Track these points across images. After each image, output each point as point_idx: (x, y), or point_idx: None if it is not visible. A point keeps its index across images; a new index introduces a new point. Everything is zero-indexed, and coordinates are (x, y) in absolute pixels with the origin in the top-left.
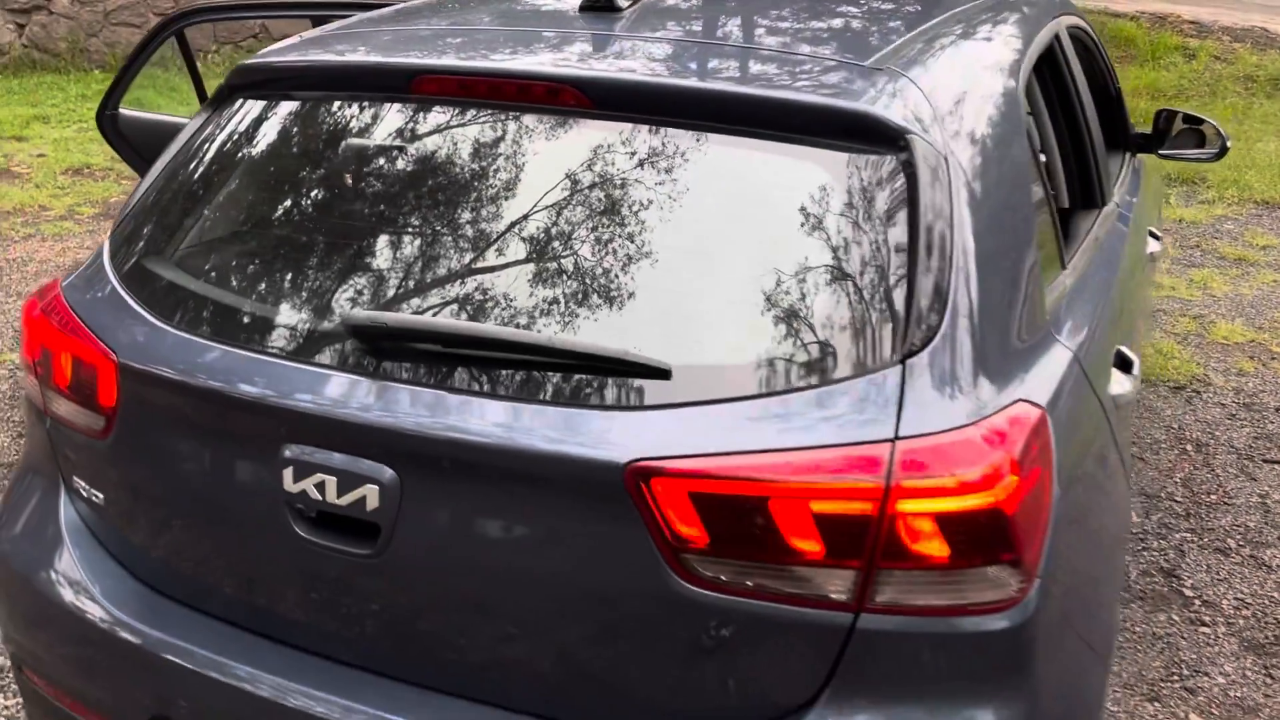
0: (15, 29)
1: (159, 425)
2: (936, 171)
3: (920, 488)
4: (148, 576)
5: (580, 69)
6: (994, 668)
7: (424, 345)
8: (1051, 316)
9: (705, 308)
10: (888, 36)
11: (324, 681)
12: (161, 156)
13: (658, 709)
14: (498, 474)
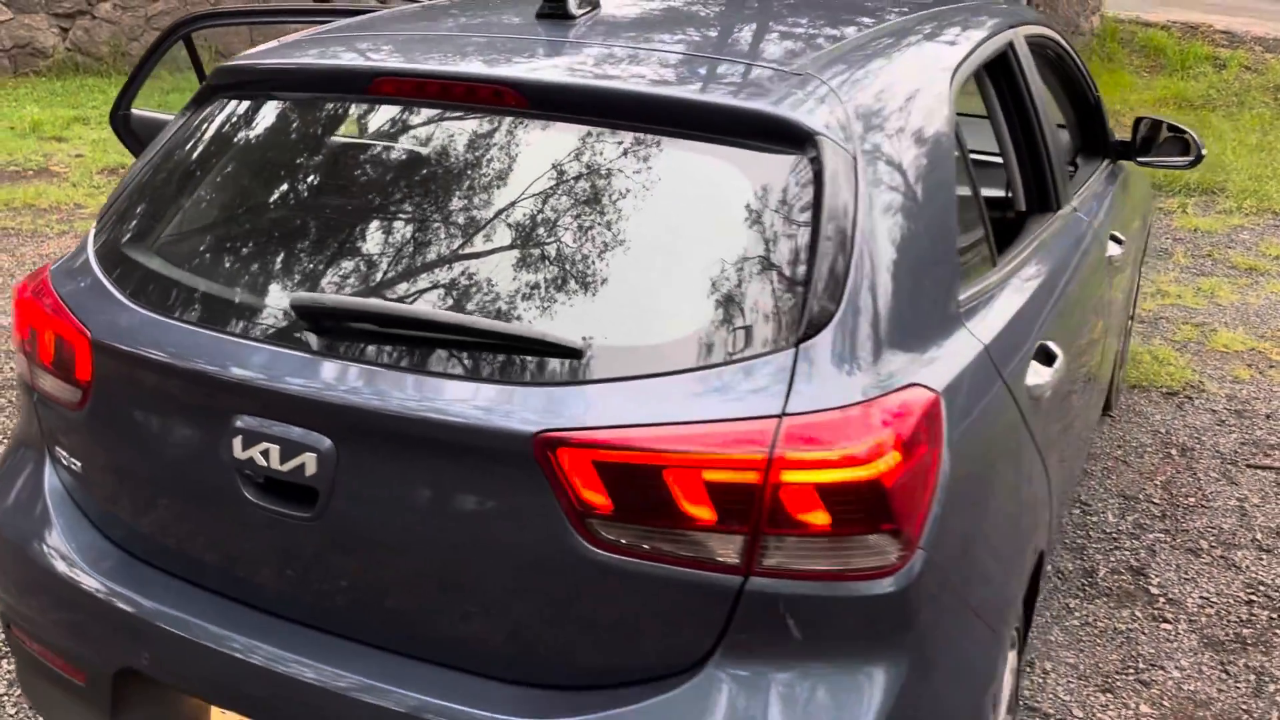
0: (59, 33)
1: (126, 397)
2: (843, 171)
3: (803, 460)
4: (119, 539)
5: (521, 72)
6: (875, 630)
7: (361, 325)
8: (967, 309)
9: (618, 293)
10: (819, 45)
11: (270, 636)
12: (145, 152)
13: (567, 664)
14: (423, 443)
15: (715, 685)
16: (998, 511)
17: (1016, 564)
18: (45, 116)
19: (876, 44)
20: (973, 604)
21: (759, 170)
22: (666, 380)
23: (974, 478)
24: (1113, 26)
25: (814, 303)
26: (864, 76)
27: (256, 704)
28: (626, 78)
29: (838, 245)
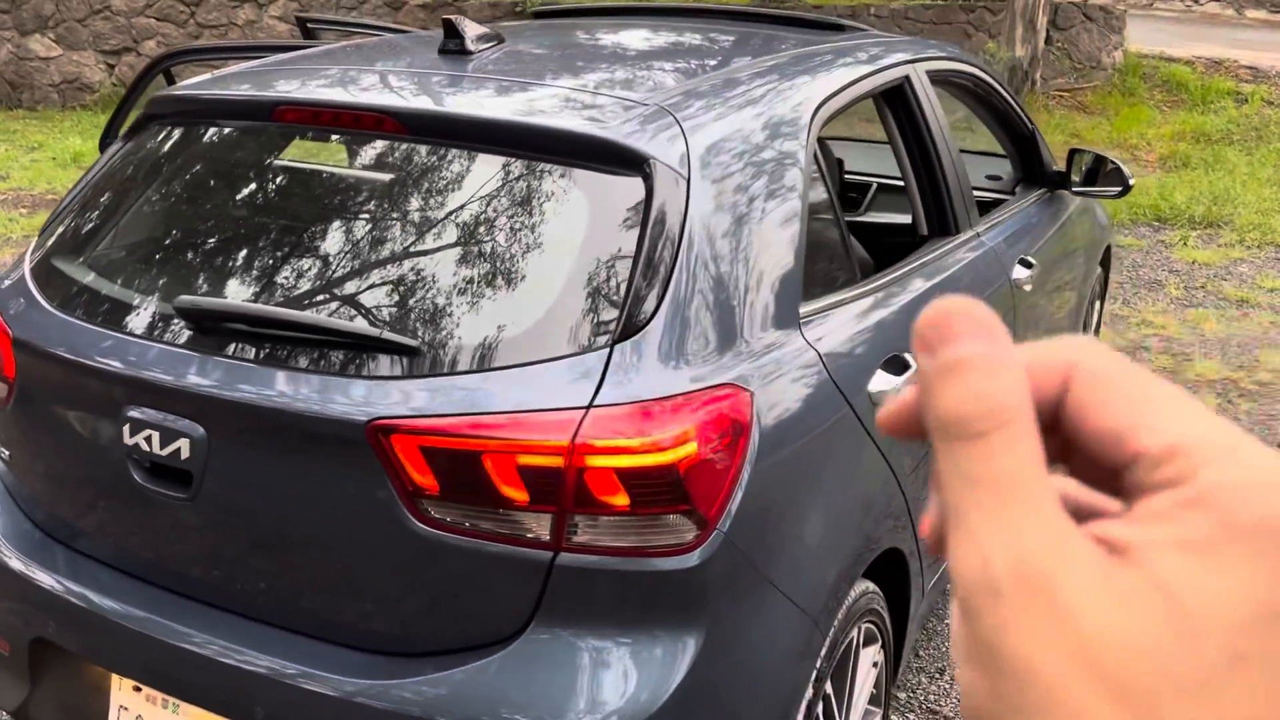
0: (106, 69)
1: (42, 392)
2: (673, 194)
3: (604, 447)
4: (39, 521)
5: (401, 101)
6: (676, 602)
7: (231, 324)
8: (807, 320)
9: (458, 297)
10: (681, 82)
11: (156, 608)
12: (84, 173)
13: (405, 632)
14: (278, 430)
15: (530, 651)
16: (817, 503)
17: (836, 554)
18: (87, 148)
19: (741, 79)
20: (780, 585)
21: (598, 190)
22: (491, 375)
23: (789, 470)
24: (1135, 62)
25: (633, 308)
26: (713, 109)
27: (145, 670)
28: (496, 107)
29: (661, 259)
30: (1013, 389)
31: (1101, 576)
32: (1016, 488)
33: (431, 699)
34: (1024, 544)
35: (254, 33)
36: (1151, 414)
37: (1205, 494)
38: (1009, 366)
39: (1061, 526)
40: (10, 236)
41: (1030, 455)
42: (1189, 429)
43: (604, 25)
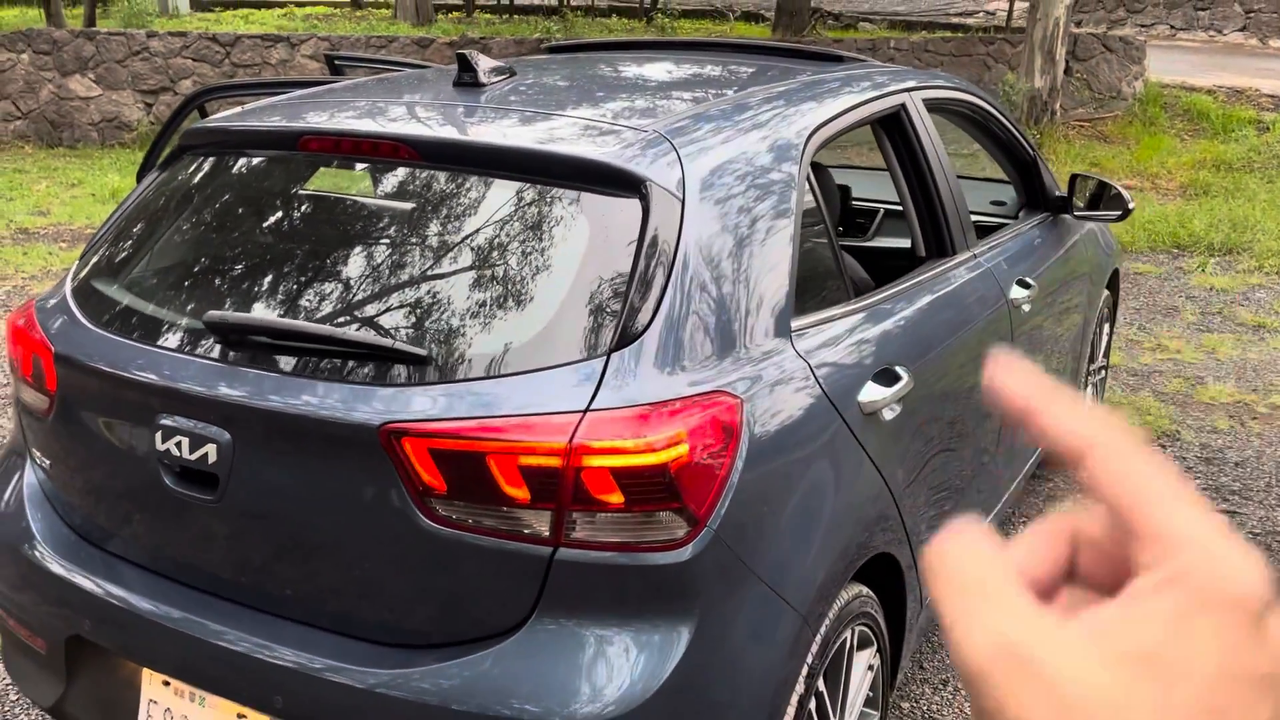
0: (144, 108)
1: (80, 403)
2: (669, 215)
3: (600, 448)
4: (76, 525)
5: (416, 130)
6: (668, 595)
7: (255, 336)
8: (800, 333)
9: (465, 310)
10: (687, 105)
11: (184, 605)
12: (123, 200)
13: (415, 624)
14: (298, 434)
15: (533, 640)
16: (805, 506)
17: (824, 552)
18: (125, 184)
19: (736, 107)
20: (768, 581)
21: (598, 210)
22: (496, 381)
23: (778, 472)
24: (1155, 91)
25: (629, 319)
26: (710, 135)
27: (174, 665)
28: (504, 135)
29: (656, 273)
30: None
31: (1080, 647)
32: (981, 589)
33: (443, 687)
34: (1001, 633)
35: (286, 71)
36: (1147, 499)
37: (1181, 575)
38: (968, 548)
39: (1030, 612)
40: (51, 269)
41: (983, 562)
42: (1174, 517)
43: (610, 59)
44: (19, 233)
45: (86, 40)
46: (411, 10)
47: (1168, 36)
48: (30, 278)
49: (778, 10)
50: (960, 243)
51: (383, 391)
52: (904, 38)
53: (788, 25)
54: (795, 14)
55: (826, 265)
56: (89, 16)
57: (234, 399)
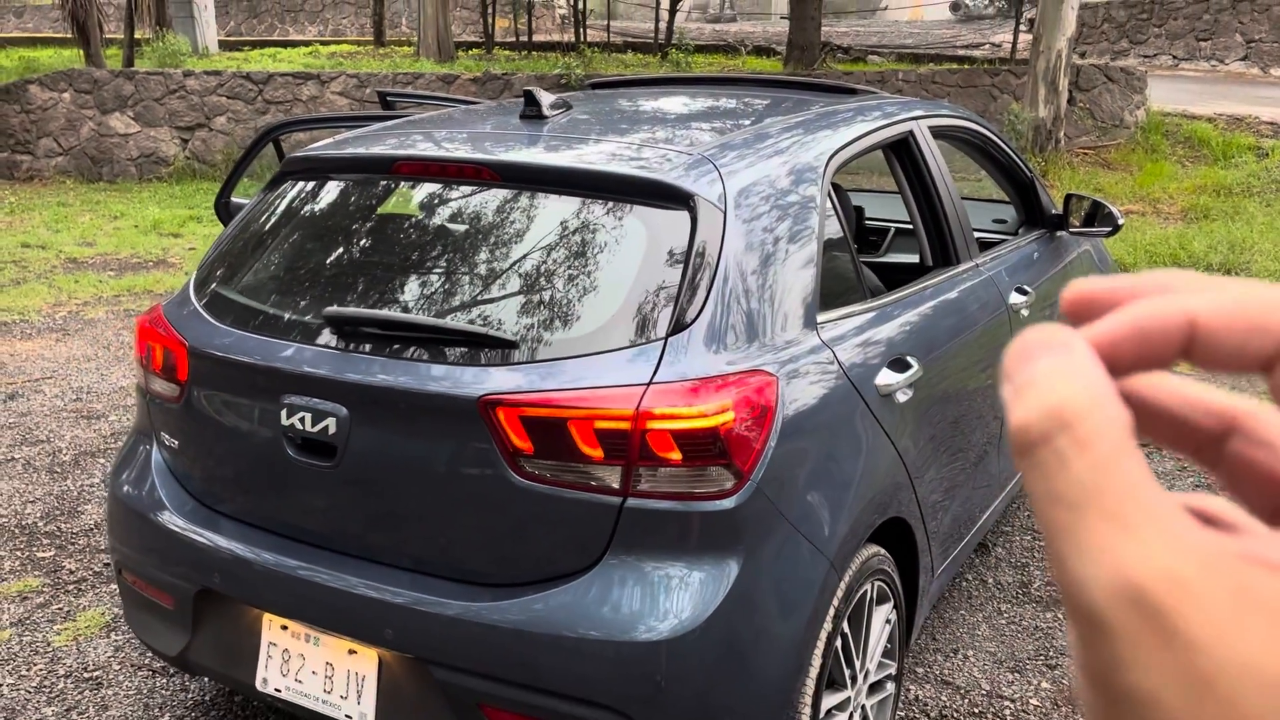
0: (180, 143)
1: (210, 388)
2: (713, 224)
3: (662, 414)
4: (200, 494)
5: (497, 155)
6: (717, 536)
7: (369, 328)
8: (824, 325)
9: (544, 302)
10: (723, 132)
11: (303, 557)
12: (234, 219)
13: (504, 566)
14: (407, 407)
15: (604, 576)
16: (827, 467)
17: (841, 508)
18: (164, 216)
19: (765, 133)
20: (801, 529)
21: (653, 221)
22: (573, 361)
23: (807, 437)
24: (1157, 120)
25: (682, 310)
26: (745, 157)
27: (295, 608)
28: (571, 159)
29: (703, 273)
30: (1080, 390)
31: (1238, 599)
32: (1099, 500)
33: (532, 615)
34: (1124, 568)
35: (316, 107)
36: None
37: None
38: (1077, 373)
39: (1188, 537)
40: (102, 295)
41: (1111, 458)
42: None
43: (651, 93)
44: (69, 262)
45: (126, 80)
46: (434, 48)
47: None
48: (84, 304)
49: (789, 45)
50: (964, 254)
51: (478, 370)
52: (912, 70)
53: (799, 59)
54: (806, 48)
55: (846, 269)
56: (128, 57)
57: (351, 379)
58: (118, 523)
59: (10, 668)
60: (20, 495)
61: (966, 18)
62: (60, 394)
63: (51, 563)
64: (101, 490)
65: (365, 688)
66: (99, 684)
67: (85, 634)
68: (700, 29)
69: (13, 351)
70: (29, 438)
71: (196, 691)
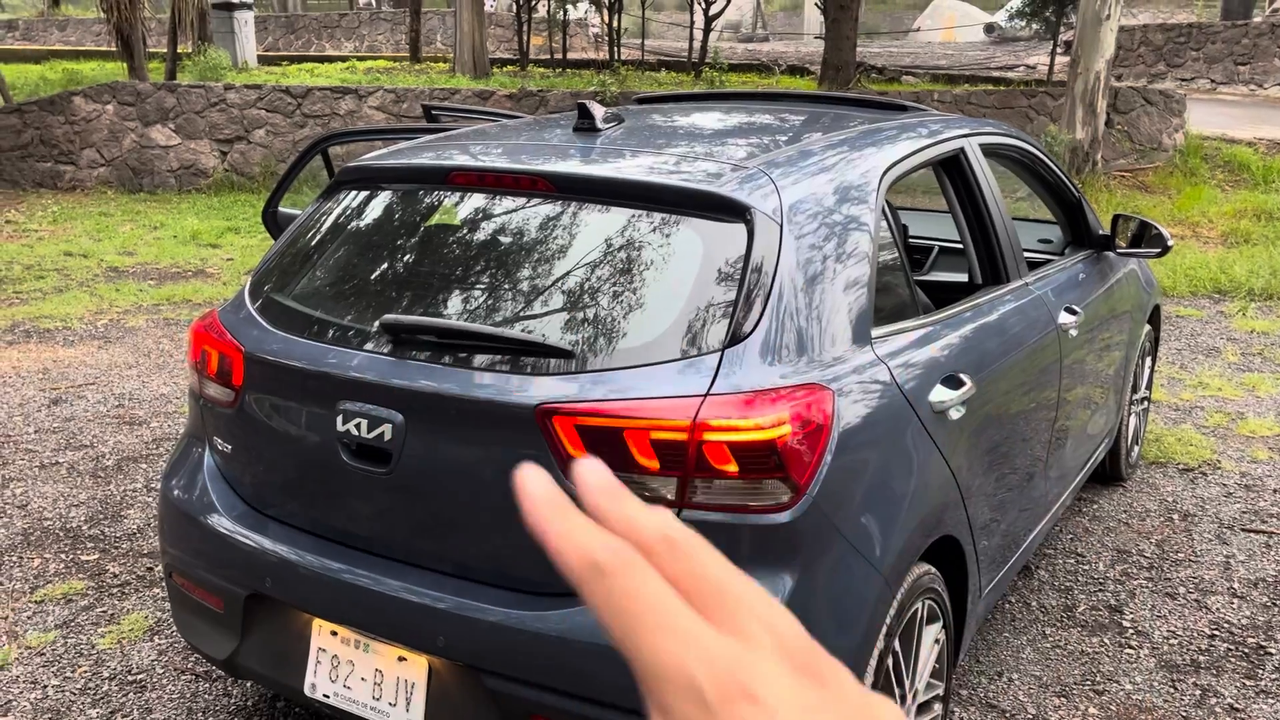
0: (219, 156)
1: (265, 393)
2: (770, 237)
3: (719, 425)
4: (253, 500)
5: (552, 167)
6: (772, 550)
7: (424, 336)
8: (879, 340)
9: (601, 313)
10: (777, 145)
11: (354, 563)
12: (289, 226)
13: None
14: (463, 415)
15: None
16: (882, 482)
17: (902, 525)
18: (203, 227)
19: (822, 148)
20: (856, 544)
21: (710, 233)
22: (630, 371)
23: (862, 452)
24: (1196, 143)
25: (739, 322)
26: (801, 171)
27: (346, 613)
28: (627, 170)
29: (759, 286)
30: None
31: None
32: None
33: (585, 626)
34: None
35: (354, 121)
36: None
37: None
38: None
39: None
40: (142, 304)
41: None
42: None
43: (700, 108)
44: (110, 270)
45: (168, 92)
46: (469, 64)
47: (1208, 90)
48: (124, 312)
49: (824, 64)
50: (1013, 272)
51: (535, 379)
52: (947, 90)
53: (833, 79)
54: (841, 68)
55: (899, 284)
56: (170, 70)
57: (407, 386)
58: (169, 525)
59: (55, 669)
60: (65, 499)
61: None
62: (103, 400)
63: (95, 566)
64: (144, 495)
65: (415, 695)
66: (143, 687)
67: (129, 637)
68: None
69: (56, 358)
70: (73, 442)
71: (239, 697)
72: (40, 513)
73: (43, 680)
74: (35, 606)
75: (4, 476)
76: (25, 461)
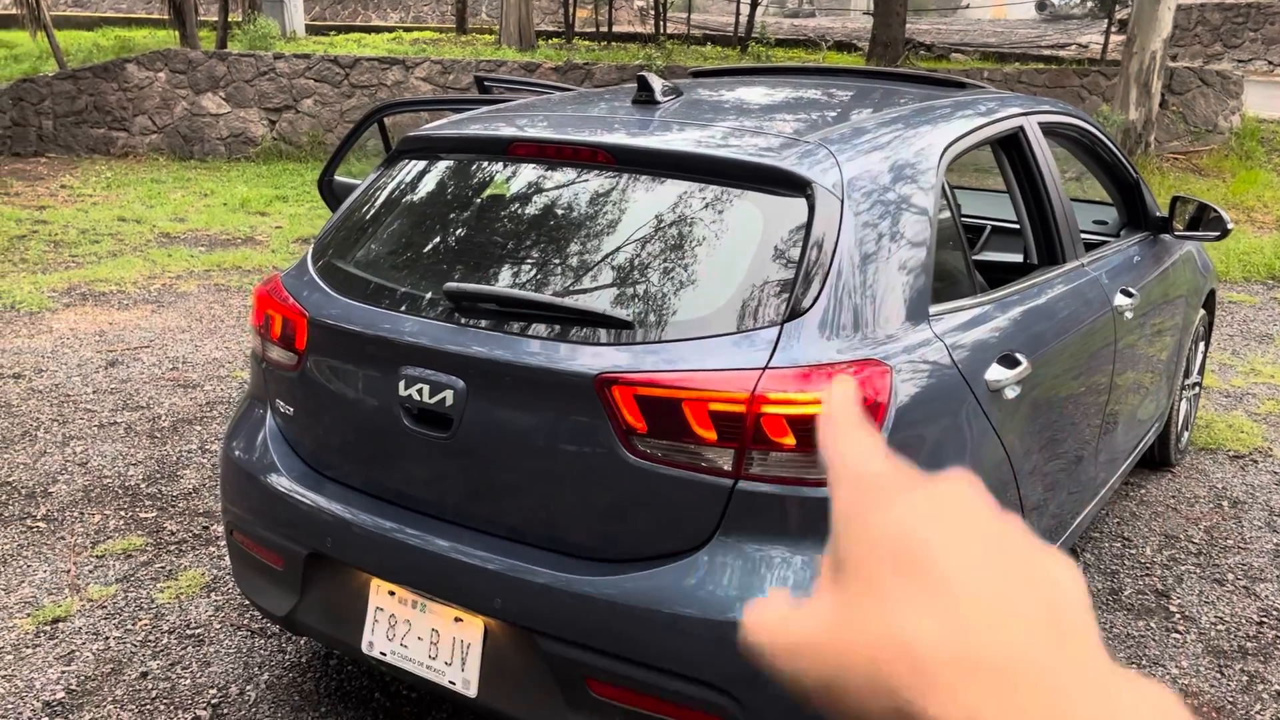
0: (268, 124)
1: (328, 357)
2: (830, 211)
3: (778, 398)
4: (314, 462)
5: (612, 139)
6: (826, 523)
7: (486, 305)
8: (936, 317)
9: (661, 285)
10: (837, 120)
11: (414, 524)
12: (350, 195)
13: (618, 542)
14: (524, 382)
15: (714, 555)
16: (937, 459)
17: None
18: (252, 195)
19: (881, 124)
20: None
21: (771, 207)
22: (689, 343)
23: (918, 428)
24: (1253, 126)
25: (798, 297)
26: (862, 146)
27: (404, 574)
28: (686, 143)
29: (820, 260)
30: None
31: None
32: None
33: (639, 591)
34: None
35: (401, 92)
36: None
37: None
38: None
39: None
40: (194, 270)
41: None
42: None
43: (758, 83)
44: (162, 236)
45: (219, 61)
46: (515, 36)
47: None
48: (176, 277)
49: (872, 40)
50: (1070, 253)
51: (594, 348)
52: (996, 68)
53: (882, 55)
54: (890, 44)
55: (957, 262)
56: (221, 39)
57: (469, 353)
58: (231, 484)
59: (116, 621)
60: (123, 458)
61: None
62: (157, 363)
63: (154, 523)
64: (199, 457)
65: (470, 655)
66: (200, 641)
67: (187, 593)
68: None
69: (111, 320)
70: (129, 403)
71: (293, 653)
72: (100, 470)
73: (104, 632)
74: (96, 561)
75: (65, 435)
76: (84, 421)
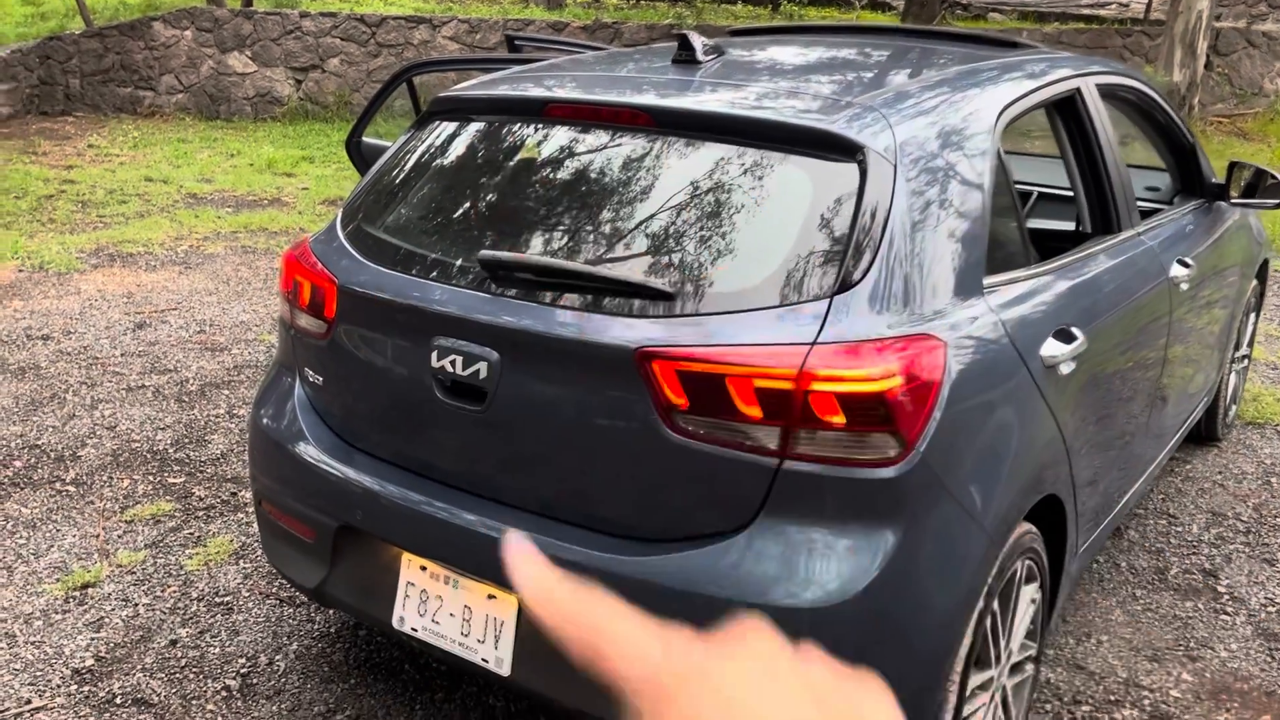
0: (294, 84)
1: (359, 326)
2: (883, 178)
3: (827, 375)
4: (344, 433)
5: (652, 100)
6: (877, 505)
7: (523, 274)
8: (990, 289)
9: (704, 256)
10: (886, 84)
11: (446, 498)
12: (381, 158)
13: (652, 521)
14: (561, 355)
15: (758, 537)
16: (991, 438)
17: (1008, 484)
18: (279, 155)
19: (934, 86)
20: (962, 502)
21: (819, 172)
22: (734, 316)
23: (972, 406)
24: None
25: (849, 268)
26: (914, 109)
27: (437, 549)
28: (730, 104)
29: (872, 229)
30: None
31: None
32: None
33: (681, 573)
34: None
35: (427, 51)
36: None
37: None
38: None
39: None
40: (220, 231)
41: None
42: None
43: (802, 41)
44: (189, 197)
45: (245, 19)
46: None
47: None
48: (203, 238)
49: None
50: (1126, 222)
51: (634, 321)
52: (1036, 28)
53: (917, 15)
54: (925, 3)
55: (1012, 231)
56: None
57: (504, 324)
58: (260, 454)
59: (145, 588)
60: (151, 422)
61: None
62: (185, 325)
63: (182, 489)
64: (227, 421)
65: (504, 633)
66: (229, 609)
67: (215, 560)
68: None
69: (139, 282)
70: (157, 366)
71: (322, 623)
72: (128, 434)
73: (134, 598)
74: (125, 526)
75: (93, 398)
76: (113, 384)
